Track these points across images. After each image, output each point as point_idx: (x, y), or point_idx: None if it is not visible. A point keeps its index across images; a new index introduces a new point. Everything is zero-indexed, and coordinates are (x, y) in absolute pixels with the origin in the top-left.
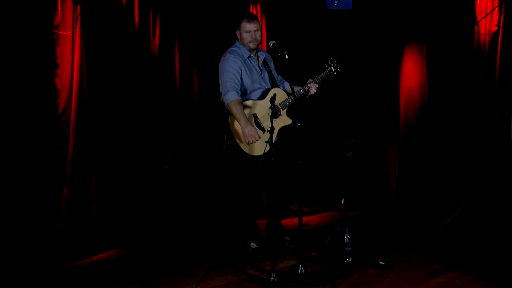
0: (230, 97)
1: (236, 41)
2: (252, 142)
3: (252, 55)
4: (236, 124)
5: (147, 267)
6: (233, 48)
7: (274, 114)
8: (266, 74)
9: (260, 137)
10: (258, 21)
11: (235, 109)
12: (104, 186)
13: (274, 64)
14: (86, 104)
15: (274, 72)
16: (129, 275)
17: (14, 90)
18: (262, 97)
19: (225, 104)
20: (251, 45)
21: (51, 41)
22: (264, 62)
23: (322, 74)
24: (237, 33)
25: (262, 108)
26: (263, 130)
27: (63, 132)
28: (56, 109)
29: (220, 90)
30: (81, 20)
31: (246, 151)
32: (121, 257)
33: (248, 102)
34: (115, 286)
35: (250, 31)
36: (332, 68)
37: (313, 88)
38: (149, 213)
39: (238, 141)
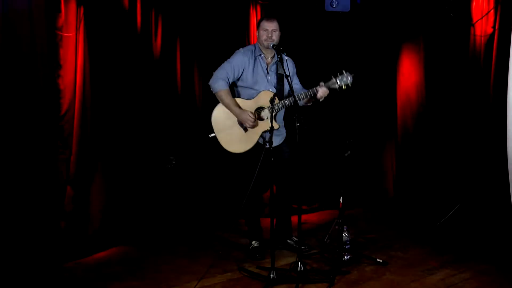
0: (220, 86)
1: (257, 42)
2: (252, 126)
3: (263, 55)
4: (216, 120)
5: (149, 264)
6: (249, 45)
7: (259, 117)
8: (273, 78)
9: (253, 119)
10: (278, 24)
11: (226, 99)
12: (107, 185)
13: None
14: (89, 105)
15: (287, 78)
16: (130, 272)
17: (18, 91)
18: (252, 98)
19: (214, 92)
20: (265, 43)
21: (55, 43)
22: (277, 66)
23: (328, 83)
24: (256, 32)
25: (247, 108)
26: (245, 129)
27: (66, 132)
28: (60, 109)
29: (213, 72)
30: (84, 22)
31: (224, 146)
32: (123, 255)
33: (237, 100)
34: (116, 283)
35: (267, 29)
36: (338, 82)
37: (320, 93)
38: (151, 211)
39: (218, 137)
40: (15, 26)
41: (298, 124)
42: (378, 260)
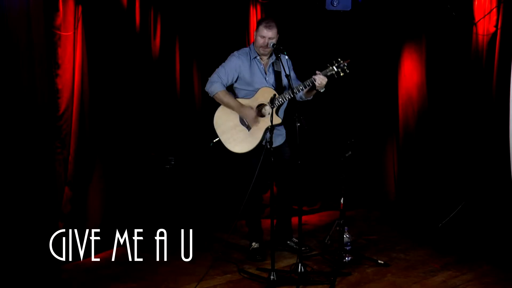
0: (217, 88)
1: (253, 42)
2: (255, 121)
3: (258, 57)
4: (218, 122)
5: (148, 266)
6: (244, 48)
7: (260, 113)
8: (271, 77)
9: (254, 113)
10: (277, 30)
11: (225, 98)
12: (106, 186)
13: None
14: (87, 105)
15: (285, 76)
16: (129, 274)
17: (16, 90)
18: (252, 97)
19: (212, 95)
20: (261, 50)
21: (53, 42)
22: (274, 65)
23: (325, 70)
24: (254, 33)
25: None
26: (248, 128)
27: (64, 132)
28: (57, 109)
29: (208, 78)
30: (82, 20)
31: (229, 148)
32: (122, 256)
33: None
34: (115, 284)
35: (264, 37)
36: (335, 68)
37: (318, 80)
38: (150, 212)
39: (221, 139)
40: (13, 25)
41: (298, 124)
42: (379, 261)
